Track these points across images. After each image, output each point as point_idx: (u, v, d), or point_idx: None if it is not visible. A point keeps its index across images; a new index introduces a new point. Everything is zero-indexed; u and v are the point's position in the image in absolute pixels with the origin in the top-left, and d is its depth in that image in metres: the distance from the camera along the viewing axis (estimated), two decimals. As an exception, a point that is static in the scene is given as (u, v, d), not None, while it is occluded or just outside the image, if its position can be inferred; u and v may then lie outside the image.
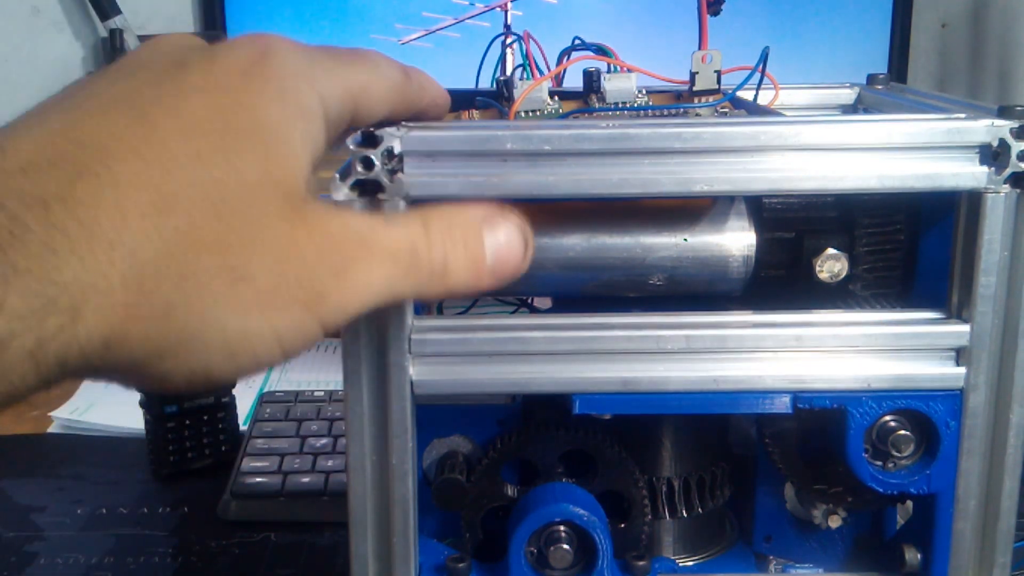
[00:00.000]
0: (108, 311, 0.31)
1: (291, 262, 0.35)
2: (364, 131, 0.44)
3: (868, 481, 0.49)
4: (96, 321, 0.31)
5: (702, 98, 0.55)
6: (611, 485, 0.53)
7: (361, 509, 0.48)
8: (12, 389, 0.31)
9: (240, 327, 0.34)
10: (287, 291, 0.35)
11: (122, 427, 1.02)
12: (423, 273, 0.39)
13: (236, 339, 0.34)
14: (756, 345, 0.47)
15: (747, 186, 0.45)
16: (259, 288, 0.34)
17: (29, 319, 0.30)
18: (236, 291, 0.34)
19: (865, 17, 1.14)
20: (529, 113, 0.53)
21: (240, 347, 0.35)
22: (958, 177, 0.45)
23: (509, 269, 0.42)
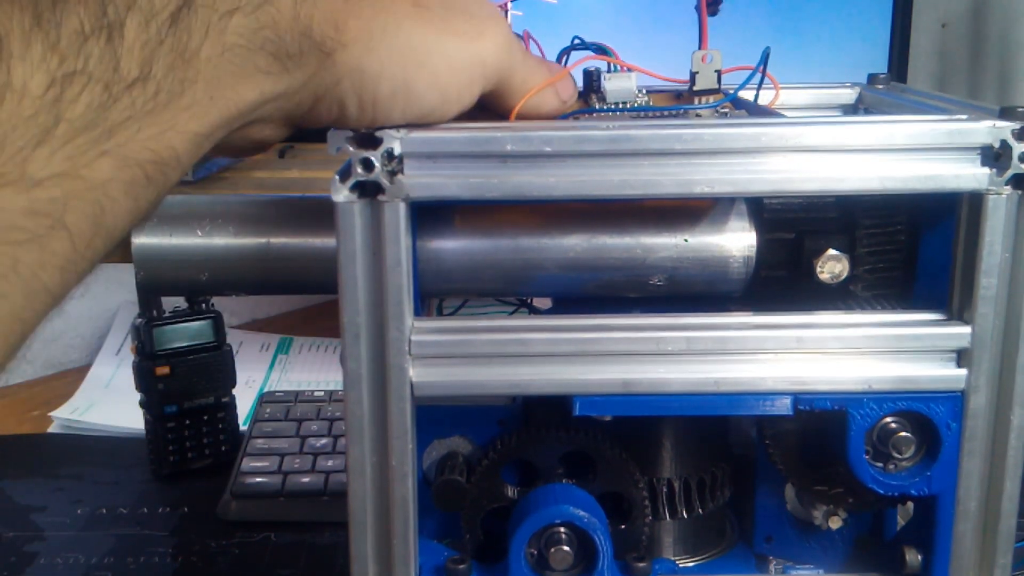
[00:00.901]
0: (332, 0, 0.40)
1: (459, 2, 0.44)
2: (364, 132, 0.44)
3: (869, 482, 0.49)
4: (325, 4, 0.39)
5: (702, 98, 0.55)
6: (611, 486, 0.53)
7: (361, 510, 0.48)
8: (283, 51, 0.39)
9: (421, 39, 0.42)
10: (455, 22, 0.43)
11: (122, 427, 1.02)
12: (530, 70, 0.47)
13: (419, 49, 0.42)
14: (757, 346, 0.47)
15: (748, 187, 0.45)
16: (434, 14, 0.43)
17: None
18: (419, 12, 0.42)
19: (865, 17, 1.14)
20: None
21: (424, 58, 0.42)
22: (959, 178, 0.45)
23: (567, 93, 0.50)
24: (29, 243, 0.33)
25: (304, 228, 0.53)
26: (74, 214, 0.34)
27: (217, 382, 0.94)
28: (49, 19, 0.33)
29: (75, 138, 0.33)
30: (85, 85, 0.34)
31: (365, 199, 0.44)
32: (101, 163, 0.34)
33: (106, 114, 0.34)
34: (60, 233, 0.34)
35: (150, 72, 0.35)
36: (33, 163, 0.32)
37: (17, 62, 0.32)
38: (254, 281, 0.54)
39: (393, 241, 0.44)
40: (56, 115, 0.33)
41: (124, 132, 0.35)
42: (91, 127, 0.34)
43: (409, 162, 0.44)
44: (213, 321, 0.94)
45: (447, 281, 0.51)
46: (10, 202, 0.32)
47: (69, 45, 0.33)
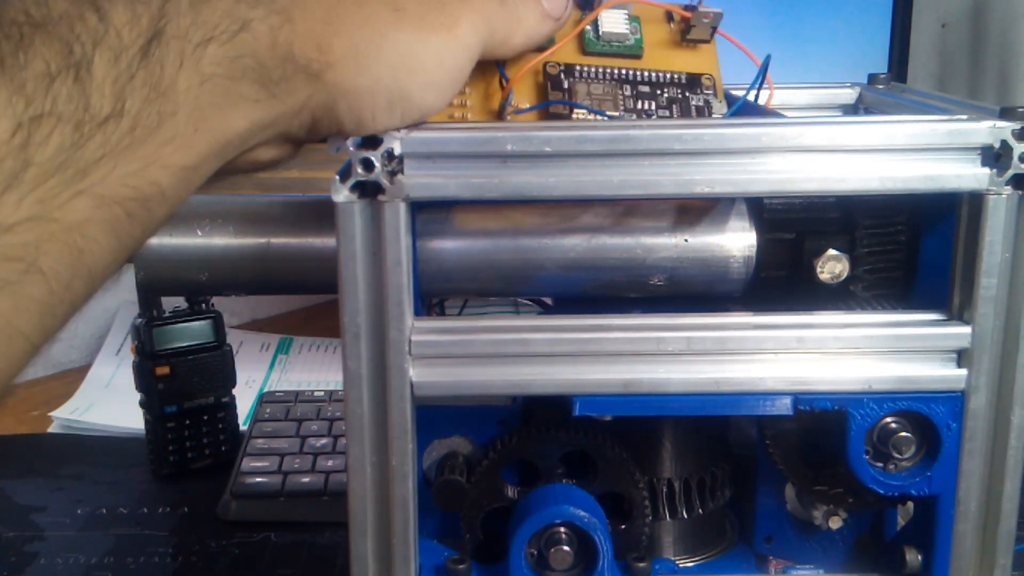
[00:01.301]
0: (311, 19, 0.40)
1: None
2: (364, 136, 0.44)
3: (869, 483, 0.49)
4: (304, 25, 0.39)
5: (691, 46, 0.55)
6: (611, 486, 0.53)
7: (361, 510, 0.48)
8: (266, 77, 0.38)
9: (407, 45, 0.42)
10: (431, 17, 0.43)
11: (122, 427, 1.02)
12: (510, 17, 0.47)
13: (406, 52, 0.42)
14: (757, 347, 0.47)
15: (748, 187, 0.45)
16: (411, 14, 0.42)
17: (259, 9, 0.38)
18: (397, 17, 0.42)
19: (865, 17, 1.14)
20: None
21: (412, 61, 0.42)
22: (960, 179, 0.45)
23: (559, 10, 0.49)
24: (1, 290, 0.33)
25: (304, 228, 0.53)
26: (49, 257, 0.33)
27: (217, 382, 0.94)
28: (12, 64, 0.33)
29: (46, 180, 0.33)
30: (54, 126, 0.33)
31: (365, 199, 0.44)
32: (76, 204, 0.34)
33: (78, 154, 0.34)
34: (35, 277, 0.33)
35: (123, 108, 0.35)
36: (2, 209, 0.32)
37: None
38: (254, 281, 0.54)
39: (393, 241, 0.44)
40: (24, 159, 0.32)
41: (99, 171, 0.34)
42: (63, 168, 0.33)
43: (409, 162, 0.44)
44: (213, 321, 0.94)
45: (447, 281, 0.51)
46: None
47: (35, 87, 0.33)
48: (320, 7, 0.40)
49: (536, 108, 0.52)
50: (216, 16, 0.37)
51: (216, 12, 0.37)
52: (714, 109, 0.53)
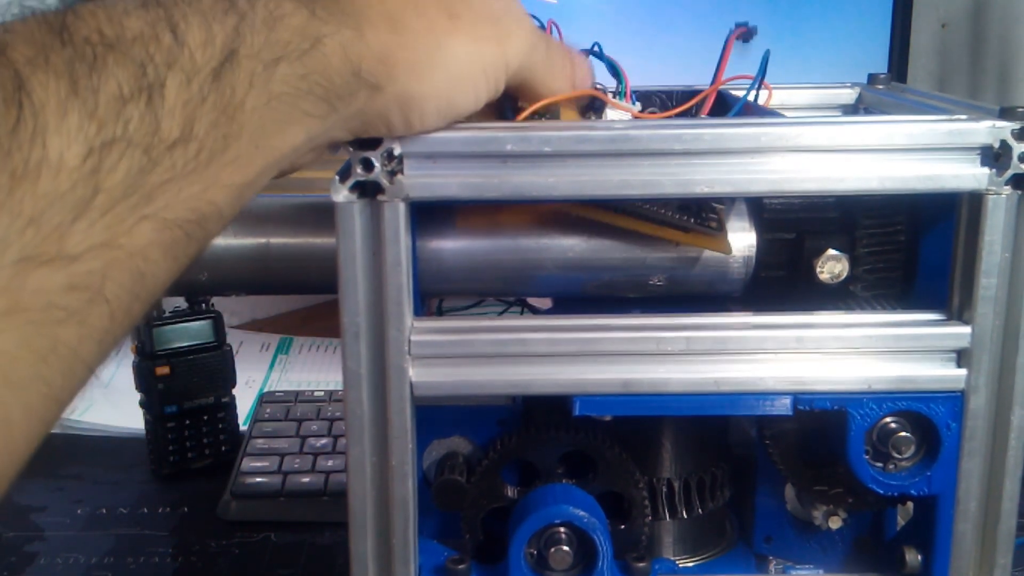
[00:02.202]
0: (379, 32, 0.40)
1: (483, 8, 0.44)
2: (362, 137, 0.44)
3: (869, 482, 0.49)
4: (373, 38, 0.40)
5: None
6: (611, 486, 0.53)
7: (361, 510, 0.48)
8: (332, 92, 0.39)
9: (463, 51, 0.43)
10: (484, 27, 0.44)
11: (122, 427, 1.02)
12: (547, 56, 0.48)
13: (462, 61, 0.43)
14: (756, 346, 0.47)
15: (748, 187, 0.45)
16: (467, 23, 0.43)
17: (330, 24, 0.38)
18: (453, 24, 0.43)
19: (865, 17, 1.13)
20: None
21: (464, 70, 0.43)
22: (959, 178, 0.45)
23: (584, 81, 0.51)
24: (68, 321, 0.32)
25: (304, 228, 0.53)
26: (113, 284, 0.33)
27: (217, 382, 0.94)
28: (86, 85, 0.32)
29: (114, 207, 0.32)
30: (124, 151, 0.32)
31: (365, 199, 0.44)
32: (140, 228, 0.33)
33: (146, 179, 0.33)
34: (100, 307, 0.33)
35: (192, 132, 0.34)
36: (71, 238, 0.31)
37: (53, 135, 0.31)
38: (254, 281, 0.54)
39: (393, 241, 0.44)
40: (95, 186, 0.32)
41: (164, 195, 0.34)
42: (130, 194, 0.33)
43: (409, 162, 0.44)
44: (213, 321, 0.94)
45: (447, 281, 0.51)
46: (48, 281, 0.31)
47: (108, 111, 0.32)
48: (384, 18, 0.40)
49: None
50: (288, 34, 0.37)
51: (289, 29, 0.37)
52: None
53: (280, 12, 0.37)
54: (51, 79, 0.31)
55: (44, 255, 0.31)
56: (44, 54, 0.31)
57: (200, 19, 0.35)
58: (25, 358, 0.31)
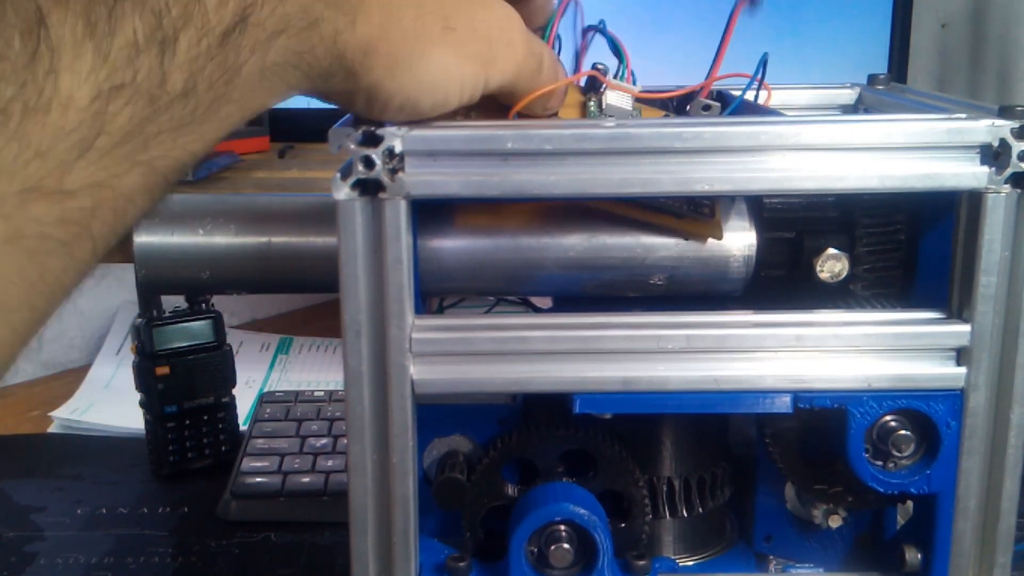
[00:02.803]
0: (371, 25, 0.40)
1: (481, 27, 0.45)
2: (365, 131, 0.44)
3: (869, 481, 0.49)
4: (364, 29, 0.40)
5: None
6: (611, 484, 0.53)
7: (362, 508, 0.48)
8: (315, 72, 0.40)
9: (443, 63, 0.43)
10: (475, 46, 0.44)
11: (122, 427, 1.02)
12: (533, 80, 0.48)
13: (439, 72, 0.43)
14: (757, 345, 0.47)
15: (748, 186, 0.45)
16: (459, 37, 0.44)
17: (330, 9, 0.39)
18: (445, 35, 0.43)
19: (865, 17, 1.14)
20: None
21: (441, 79, 0.43)
22: (959, 177, 0.45)
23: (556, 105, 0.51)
24: (56, 251, 0.33)
25: (305, 227, 0.53)
26: (99, 222, 0.34)
27: (217, 382, 0.94)
28: (103, 29, 0.33)
29: (113, 150, 0.33)
30: (130, 98, 0.33)
31: (366, 197, 0.44)
32: (132, 173, 0.34)
33: (145, 127, 0.34)
34: (85, 242, 0.34)
35: (194, 87, 0.35)
36: (71, 174, 0.33)
37: (66, 73, 0.32)
38: (255, 280, 0.54)
39: (394, 239, 0.45)
40: (99, 127, 0.33)
41: (160, 145, 0.35)
42: (129, 139, 0.34)
43: (410, 160, 0.44)
44: (213, 321, 0.94)
45: (447, 279, 0.51)
46: (45, 212, 0.32)
47: (120, 57, 0.33)
48: (381, 13, 0.41)
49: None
50: (293, 8, 0.38)
51: (294, 5, 0.38)
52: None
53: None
54: (70, 18, 0.32)
55: (46, 188, 0.32)
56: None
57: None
58: (18, 283, 0.33)
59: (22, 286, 0.33)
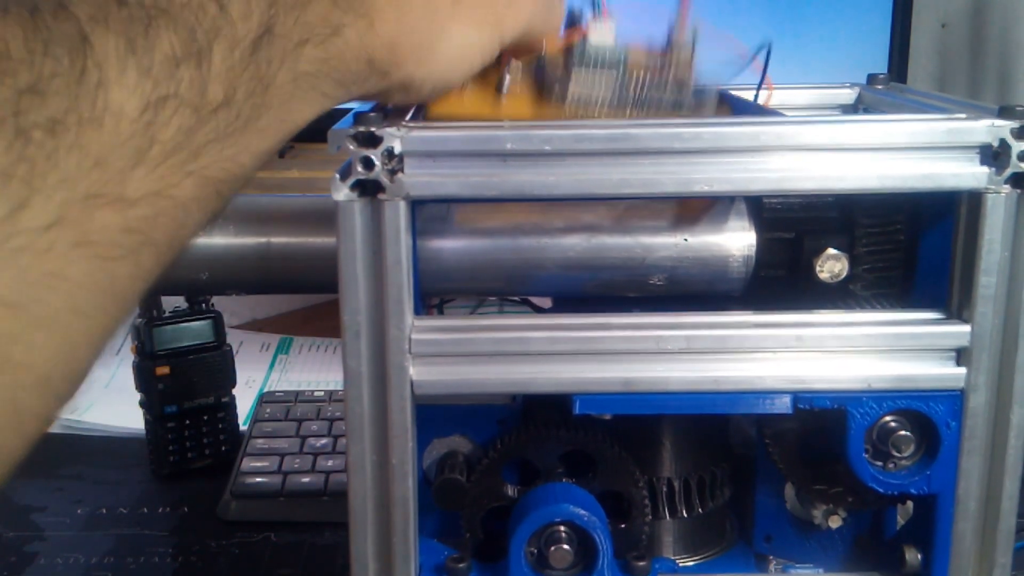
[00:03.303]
0: (387, 22, 0.42)
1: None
2: (364, 131, 0.44)
3: (868, 481, 0.49)
4: (383, 28, 0.42)
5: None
6: (611, 485, 0.53)
7: (361, 509, 0.48)
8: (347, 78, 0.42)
9: (461, 36, 0.46)
10: (483, 12, 0.47)
11: (122, 427, 1.02)
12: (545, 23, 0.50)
13: (460, 46, 0.46)
14: (756, 345, 0.47)
15: (747, 186, 0.45)
16: (466, 6, 0.46)
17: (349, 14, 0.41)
18: (455, 8, 0.45)
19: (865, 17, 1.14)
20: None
21: (462, 52, 0.46)
22: (958, 177, 0.45)
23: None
24: (124, 259, 0.34)
25: (304, 227, 0.53)
26: (160, 231, 0.35)
27: (217, 382, 0.94)
28: (142, 45, 0.34)
29: (167, 160, 0.35)
30: (176, 109, 0.35)
31: (365, 198, 0.44)
32: (186, 183, 0.36)
33: (193, 137, 0.35)
34: (149, 249, 0.35)
35: (233, 97, 0.36)
36: (130, 183, 0.34)
37: (115, 87, 0.33)
38: (254, 280, 0.54)
39: (393, 240, 0.44)
40: (151, 137, 0.34)
41: (208, 155, 0.36)
42: (180, 149, 0.35)
43: (409, 161, 0.44)
44: (213, 321, 0.94)
45: (447, 280, 0.51)
46: (111, 220, 0.33)
47: (161, 70, 0.34)
48: (392, 5, 0.42)
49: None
50: (315, 18, 0.39)
51: (314, 14, 0.39)
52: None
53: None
54: (111, 36, 0.33)
55: (108, 195, 0.33)
56: (104, 12, 0.34)
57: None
58: (90, 288, 0.34)
59: (94, 291, 0.34)
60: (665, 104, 0.52)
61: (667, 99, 0.52)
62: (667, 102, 0.52)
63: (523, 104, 0.52)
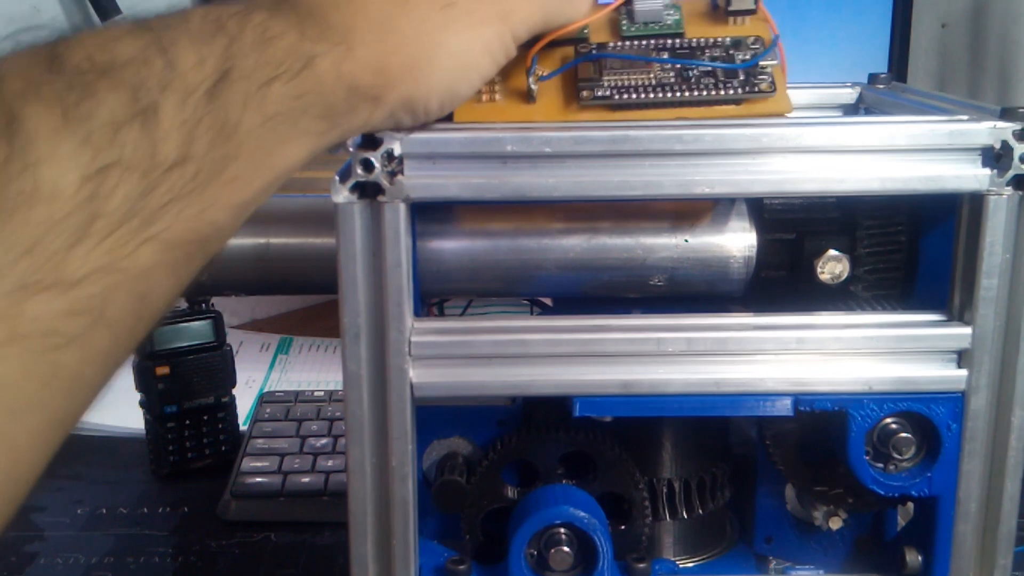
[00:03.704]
0: (368, 44, 0.40)
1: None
2: (364, 134, 0.43)
3: (869, 483, 0.49)
4: (364, 52, 0.39)
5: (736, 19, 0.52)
6: (611, 487, 0.53)
7: (361, 511, 0.48)
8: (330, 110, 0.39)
9: (457, 45, 0.43)
10: (481, 12, 0.43)
11: (122, 427, 1.02)
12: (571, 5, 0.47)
13: (460, 55, 0.43)
14: (757, 347, 0.47)
15: (748, 188, 0.45)
16: (461, 10, 0.43)
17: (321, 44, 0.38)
18: (446, 15, 0.42)
19: (865, 17, 1.13)
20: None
21: (463, 61, 0.43)
22: (960, 179, 0.45)
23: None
24: (69, 345, 0.32)
25: (304, 228, 0.53)
26: (115, 307, 0.33)
27: (217, 382, 0.94)
28: (77, 114, 0.32)
29: (114, 231, 0.32)
30: (122, 176, 0.32)
31: (365, 200, 0.44)
32: (142, 252, 0.33)
33: (145, 202, 0.33)
34: (101, 330, 0.33)
35: (189, 153, 0.34)
36: (70, 264, 0.31)
37: (45, 165, 0.31)
38: (254, 281, 0.54)
39: (393, 242, 0.44)
40: (92, 211, 0.32)
41: (165, 217, 0.34)
42: (129, 218, 0.33)
43: (409, 163, 0.44)
44: (213, 321, 0.93)
45: (447, 281, 0.51)
46: (48, 307, 0.31)
47: (102, 137, 0.32)
48: (372, 28, 0.40)
49: (561, 71, 0.50)
50: (280, 54, 0.37)
51: (280, 50, 0.37)
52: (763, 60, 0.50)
53: (270, 33, 0.37)
54: (42, 110, 0.31)
55: (42, 282, 0.31)
56: (35, 86, 0.32)
57: (190, 41, 0.35)
58: (27, 384, 0.31)
59: (33, 387, 0.31)
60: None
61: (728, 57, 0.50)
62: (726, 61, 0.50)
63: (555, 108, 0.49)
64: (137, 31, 0.35)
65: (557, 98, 0.50)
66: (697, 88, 0.49)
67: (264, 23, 0.37)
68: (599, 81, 0.49)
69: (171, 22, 0.36)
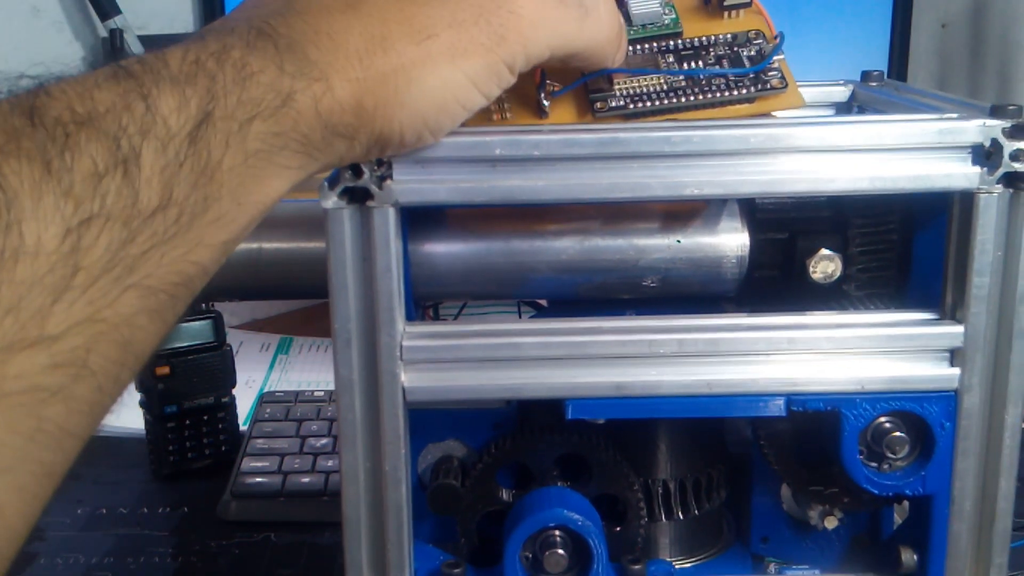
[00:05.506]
0: (348, 81, 0.39)
1: (463, 14, 0.41)
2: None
3: (863, 483, 0.49)
4: (343, 89, 0.39)
5: (732, 12, 0.52)
6: (606, 488, 0.53)
7: (355, 516, 0.48)
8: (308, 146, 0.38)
9: (435, 79, 0.41)
10: (468, 38, 0.41)
11: (122, 427, 1.02)
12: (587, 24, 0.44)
13: (434, 90, 0.41)
14: (749, 348, 0.47)
15: (738, 189, 0.45)
16: (442, 42, 0.40)
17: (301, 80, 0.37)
18: (425, 50, 0.40)
19: (865, 17, 1.13)
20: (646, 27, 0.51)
21: (441, 96, 0.41)
22: (950, 178, 0.45)
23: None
24: (53, 399, 0.32)
25: (296, 233, 0.53)
26: (98, 356, 0.33)
27: (217, 382, 0.94)
28: (59, 166, 0.31)
29: (95, 282, 0.32)
30: (103, 227, 0.32)
31: (354, 205, 0.44)
32: (125, 299, 0.33)
33: (127, 250, 0.33)
34: (85, 380, 0.33)
35: (171, 197, 0.34)
36: (52, 319, 0.31)
37: (29, 221, 0.31)
38: (246, 286, 0.54)
39: (383, 247, 0.44)
40: (74, 264, 0.31)
41: (148, 264, 0.34)
42: (112, 267, 0.33)
43: (398, 168, 0.44)
44: (213, 321, 0.94)
45: (440, 285, 0.51)
46: (30, 364, 0.31)
47: (83, 189, 0.32)
48: (351, 63, 0.39)
49: (574, 86, 0.49)
50: (260, 91, 0.37)
51: (260, 87, 0.37)
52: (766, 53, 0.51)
53: (249, 70, 0.37)
54: (23, 164, 0.31)
55: (24, 340, 0.30)
56: (15, 140, 0.31)
57: (171, 85, 0.35)
58: (11, 441, 0.31)
59: (17, 443, 0.31)
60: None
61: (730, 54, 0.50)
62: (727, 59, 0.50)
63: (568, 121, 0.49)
64: (118, 76, 0.34)
65: (570, 110, 0.50)
66: (709, 90, 0.49)
67: (242, 59, 0.37)
68: (610, 91, 0.49)
69: (151, 65, 0.35)
